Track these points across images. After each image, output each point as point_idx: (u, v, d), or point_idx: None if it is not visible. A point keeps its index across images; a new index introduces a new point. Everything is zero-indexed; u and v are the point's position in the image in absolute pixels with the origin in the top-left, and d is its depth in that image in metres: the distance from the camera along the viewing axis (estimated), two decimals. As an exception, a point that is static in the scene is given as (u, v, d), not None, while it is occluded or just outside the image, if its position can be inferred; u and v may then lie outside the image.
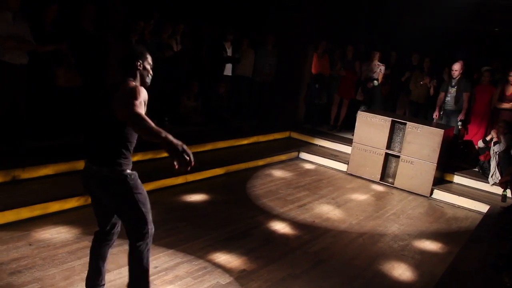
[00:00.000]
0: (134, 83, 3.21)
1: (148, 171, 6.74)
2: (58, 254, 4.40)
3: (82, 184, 3.44)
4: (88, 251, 3.74)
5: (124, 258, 4.46)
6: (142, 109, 3.02)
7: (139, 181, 3.37)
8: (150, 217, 3.40)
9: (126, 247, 4.62)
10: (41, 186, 5.60)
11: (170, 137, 2.85)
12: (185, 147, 2.85)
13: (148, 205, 3.38)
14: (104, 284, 3.71)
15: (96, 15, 7.05)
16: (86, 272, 3.70)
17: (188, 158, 2.83)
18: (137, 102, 2.99)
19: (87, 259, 4.29)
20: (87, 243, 4.67)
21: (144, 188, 3.37)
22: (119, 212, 3.42)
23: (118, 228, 3.63)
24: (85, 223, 5.09)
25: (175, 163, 2.85)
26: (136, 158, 6.93)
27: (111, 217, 3.52)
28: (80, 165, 6.24)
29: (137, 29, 7.67)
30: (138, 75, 3.32)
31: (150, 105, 3.21)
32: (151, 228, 3.42)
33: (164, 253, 4.71)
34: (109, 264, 4.32)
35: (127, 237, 3.42)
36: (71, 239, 4.72)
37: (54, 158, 6.08)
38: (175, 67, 8.65)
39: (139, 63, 3.30)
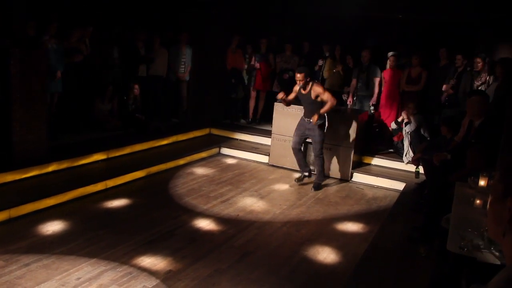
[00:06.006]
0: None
1: (64, 181, 6.51)
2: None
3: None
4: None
5: (42, 275, 4.29)
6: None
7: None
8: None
9: (44, 262, 4.50)
10: None
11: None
12: None
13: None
14: (310, 169, 7.70)
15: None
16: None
17: None
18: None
19: (6, 278, 4.11)
20: (1, 263, 4.44)
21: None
22: (315, 137, 7.24)
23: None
24: (4, 240, 4.87)
25: None
26: (51, 168, 6.70)
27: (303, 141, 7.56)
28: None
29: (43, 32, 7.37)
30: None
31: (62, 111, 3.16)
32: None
33: (86, 263, 4.56)
34: (27, 281, 4.15)
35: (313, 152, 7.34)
36: (-16, 260, 4.46)
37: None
38: (86, 71, 8.36)
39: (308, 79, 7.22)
